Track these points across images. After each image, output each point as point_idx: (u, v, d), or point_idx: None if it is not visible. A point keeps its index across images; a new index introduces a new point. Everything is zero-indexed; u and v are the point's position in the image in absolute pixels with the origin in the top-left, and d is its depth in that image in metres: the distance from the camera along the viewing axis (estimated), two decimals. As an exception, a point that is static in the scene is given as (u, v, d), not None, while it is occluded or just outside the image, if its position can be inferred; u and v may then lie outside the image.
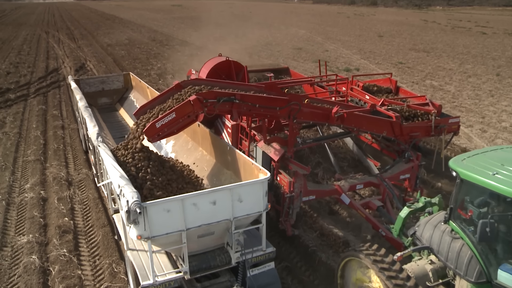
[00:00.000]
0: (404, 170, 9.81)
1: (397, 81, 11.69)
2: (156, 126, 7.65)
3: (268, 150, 9.17)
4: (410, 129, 9.87)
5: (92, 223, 10.25)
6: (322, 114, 9.04)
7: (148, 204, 5.99)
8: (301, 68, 28.07)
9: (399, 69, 28.91)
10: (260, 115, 8.52)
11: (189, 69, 13.29)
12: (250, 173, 7.46)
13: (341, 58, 33.04)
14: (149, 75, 26.45)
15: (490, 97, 20.98)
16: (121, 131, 12.51)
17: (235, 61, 11.13)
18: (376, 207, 9.02)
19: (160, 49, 37.42)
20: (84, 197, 11.42)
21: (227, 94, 8.04)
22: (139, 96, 13.59)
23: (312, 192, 9.04)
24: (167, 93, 8.64)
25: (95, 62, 31.42)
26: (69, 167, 13.35)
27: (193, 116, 7.92)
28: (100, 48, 38.82)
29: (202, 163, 9.10)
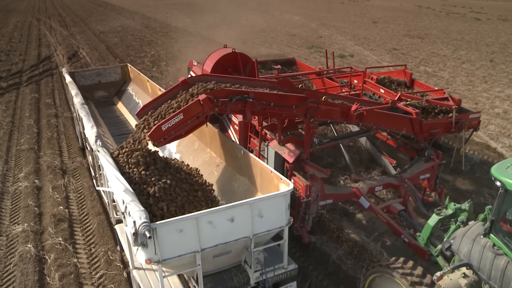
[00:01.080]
0: (424, 169, 9.00)
1: (412, 73, 10.80)
2: (162, 129, 6.75)
3: (282, 150, 8.31)
4: (430, 126, 9.05)
5: (87, 211, 9.97)
6: (341, 112, 8.17)
7: (159, 225, 5.12)
8: (295, 55, 27.01)
9: (393, 55, 28.15)
10: (275, 114, 7.62)
11: (190, 60, 12.30)
12: (269, 182, 6.59)
13: (335, 45, 32.13)
14: (143, 63, 25.54)
15: (483, 83, 20.54)
16: (120, 127, 11.56)
17: (242, 53, 10.18)
18: (397, 212, 8.20)
19: (153, 36, 36.24)
20: (78, 185, 11.11)
21: (239, 92, 7.13)
22: (138, 89, 12.60)
23: (329, 196, 8.21)
24: (173, 90, 7.71)
25: (88, 50, 30.23)
26: (63, 156, 12.91)
27: (203, 117, 7.03)
28: (93, 35, 37.49)
29: (211, 166, 8.21)
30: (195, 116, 6.94)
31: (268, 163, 8.75)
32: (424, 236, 7.22)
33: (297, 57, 26.32)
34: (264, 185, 6.82)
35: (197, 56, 24.10)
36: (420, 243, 7.35)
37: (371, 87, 10.42)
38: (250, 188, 7.20)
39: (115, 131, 11.25)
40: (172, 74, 21.93)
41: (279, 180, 6.31)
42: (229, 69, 10.03)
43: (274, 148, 8.44)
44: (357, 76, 10.98)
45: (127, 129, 11.35)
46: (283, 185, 6.19)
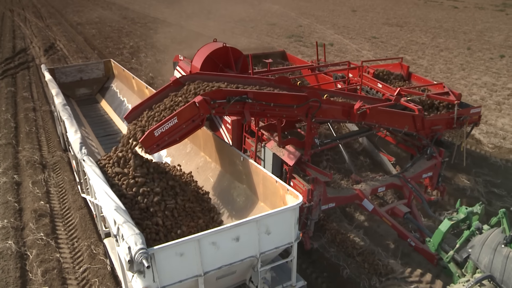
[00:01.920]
0: (427, 168, 8.47)
1: (409, 66, 10.24)
2: (154, 134, 6.06)
3: (281, 152, 7.67)
4: (431, 123, 8.52)
5: (68, 205, 9.61)
6: (343, 111, 7.56)
7: (157, 250, 4.45)
8: (275, 44, 26.58)
9: (372, 43, 27.75)
10: (275, 115, 6.97)
11: (176, 54, 11.51)
12: (273, 192, 5.96)
13: (315, 34, 31.55)
14: (122, 54, 24.52)
15: (461, 71, 20.41)
16: (104, 127, 10.73)
17: (233, 47, 9.45)
18: (403, 214, 7.67)
19: (132, 27, 35.02)
20: (59, 179, 10.63)
21: (238, 92, 6.46)
22: (123, 86, 11.75)
23: (332, 199, 7.61)
24: (164, 91, 6.98)
25: (65, 42, 28.94)
26: (43, 150, 12.26)
27: (199, 121, 6.35)
28: (70, 27, 36.00)
29: (206, 171, 7.53)
30: (190, 120, 6.27)
31: (265, 165, 8.12)
32: (435, 242, 6.72)
33: (277, 46, 25.89)
34: (267, 195, 6.19)
35: (177, 46, 23.52)
36: (430, 249, 6.85)
37: (368, 82, 9.83)
38: (251, 197, 6.57)
39: (100, 131, 10.44)
40: (151, 66, 21.18)
41: (285, 191, 5.68)
42: (220, 65, 9.31)
43: (272, 150, 7.80)
44: (352, 70, 10.38)
45: (112, 129, 10.57)
46: (290, 197, 5.57)
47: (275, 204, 6.04)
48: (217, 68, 9.29)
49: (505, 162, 11.28)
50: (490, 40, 28.71)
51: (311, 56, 22.45)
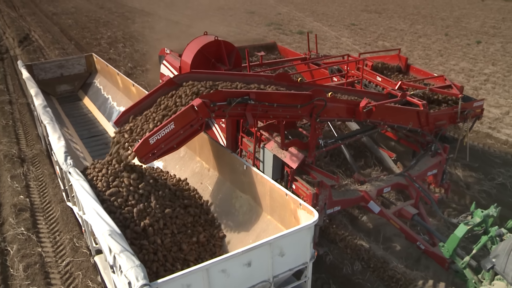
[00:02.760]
0: (432, 165, 7.97)
1: (407, 58, 9.69)
2: (149, 142, 5.39)
3: (282, 154, 7.05)
4: (436, 118, 8.00)
5: (49, 199, 9.23)
6: (347, 109, 6.97)
7: (161, 284, 3.82)
8: (254, 32, 26.10)
9: (351, 30, 27.41)
10: (278, 116, 6.34)
11: (162, 48, 10.71)
12: (282, 206, 5.36)
13: (294, 21, 30.99)
14: (99, 45, 23.57)
15: (439, 57, 20.31)
16: (89, 127, 9.90)
17: (226, 41, 8.72)
18: (411, 216, 7.16)
19: (109, 17, 33.73)
20: (39, 173, 10.20)
21: (239, 93, 5.80)
22: (106, 82, 10.89)
23: (337, 202, 7.04)
24: (157, 92, 6.27)
25: (40, 33, 27.58)
26: (21, 144, 11.64)
27: (198, 125, 5.69)
28: (45, 17, 34.43)
29: (203, 178, 6.86)
30: (188, 125, 5.60)
31: (264, 168, 7.50)
32: (450, 247, 6.25)
33: (255, 35, 25.20)
34: (275, 208, 5.58)
35: (156, 36, 22.64)
36: (444, 254, 6.38)
37: (366, 75, 9.25)
38: (255, 209, 5.94)
39: (84, 132, 9.62)
40: (130, 56, 20.41)
41: (297, 205, 5.08)
42: (212, 60, 8.58)
43: (272, 151, 7.18)
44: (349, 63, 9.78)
45: (97, 130, 9.77)
46: (303, 212, 4.98)
47: (284, 219, 5.46)
48: (209, 63, 8.58)
49: (482, 146, 11.21)
50: (467, 26, 28.70)
51: (290, 44, 21.96)
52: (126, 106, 9.47)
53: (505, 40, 23.91)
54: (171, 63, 9.70)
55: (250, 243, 5.68)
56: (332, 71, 9.86)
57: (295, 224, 5.24)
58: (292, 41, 23.47)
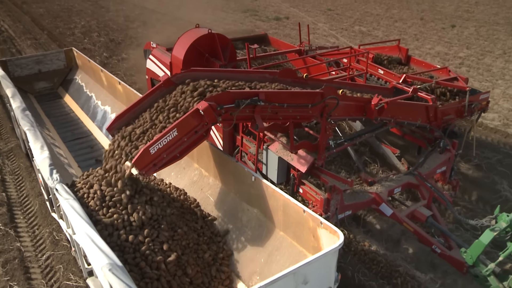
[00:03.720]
0: (441, 163, 7.46)
1: (408, 49, 9.11)
2: (150, 152, 4.66)
3: (289, 156, 6.41)
4: (443, 112, 7.48)
5: (26, 193, 8.68)
6: (358, 107, 6.36)
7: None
8: (230, 19, 25.23)
9: (328, 16, 26.91)
10: (288, 117, 5.68)
11: (148, 42, 9.87)
12: (299, 223, 4.75)
13: (270, 7, 30.29)
14: (73, 34, 22.37)
15: (415, 41, 20.14)
16: (72, 129, 9.00)
17: (219, 33, 7.97)
18: (425, 218, 6.63)
19: (82, 6, 32.17)
20: (15, 167, 9.54)
21: (248, 94, 5.12)
22: (89, 79, 9.97)
23: (348, 207, 6.46)
24: (153, 93, 5.52)
25: (10, 22, 26.08)
26: None
27: (203, 131, 4.99)
28: (14, 6, 32.54)
29: (203, 187, 6.15)
30: (193, 131, 4.90)
31: (267, 170, 6.85)
32: (474, 254, 5.74)
33: (232, 21, 24.41)
34: (289, 224, 4.93)
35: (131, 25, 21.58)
36: (467, 262, 5.87)
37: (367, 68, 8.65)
38: (266, 224, 5.28)
39: (67, 134, 8.74)
40: (105, 45, 19.35)
41: (317, 223, 4.46)
42: (206, 54, 7.83)
43: (277, 153, 6.53)
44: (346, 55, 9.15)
45: (82, 131, 8.88)
46: (325, 232, 4.37)
47: (300, 236, 4.86)
48: (202, 58, 7.83)
49: (457, 130, 10.64)
50: (442, 10, 28.61)
51: (267, 30, 21.28)
52: (112, 105, 8.74)
53: (478, 24, 23.91)
54: (159, 58, 8.90)
55: (262, 262, 5.07)
56: (330, 63, 9.22)
57: (314, 243, 4.66)
58: (269, 27, 22.86)
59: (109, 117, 8.48)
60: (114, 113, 8.42)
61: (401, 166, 8.38)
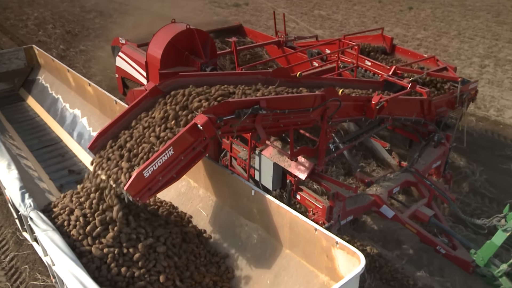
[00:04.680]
0: (437, 157, 7.13)
1: (392, 38, 8.67)
2: (144, 176, 4.02)
3: (285, 162, 5.86)
4: (436, 105, 7.12)
5: None
6: (357, 107, 5.87)
7: None
8: (190, 7, 23.90)
9: (287, 1, 26.22)
10: (289, 123, 5.12)
11: (115, 37, 9.00)
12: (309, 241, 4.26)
13: (230, -7, 29.52)
14: (26, 26, 20.76)
15: (374, 24, 20.09)
16: (38, 135, 8.03)
17: (198, 29, 7.25)
18: (428, 218, 6.28)
19: (33, -5, 30.35)
20: None
21: (248, 103, 4.53)
22: (54, 79, 8.96)
23: (350, 212, 6.02)
24: (139, 104, 4.84)
25: (-47, 14, 24.20)
26: None
27: (202, 147, 4.37)
28: (-45, -4, 30.41)
29: (193, 200, 5.55)
30: (190, 148, 4.28)
31: (261, 177, 6.27)
32: (485, 256, 5.46)
33: (191, 9, 23.42)
34: (297, 242, 4.41)
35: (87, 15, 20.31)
36: (478, 263, 5.58)
37: (353, 59, 8.17)
38: (268, 241, 4.74)
39: (34, 142, 7.78)
40: (61, 37, 18.09)
41: (332, 243, 3.97)
42: (186, 52, 7.11)
43: (272, 159, 5.97)
44: (330, 45, 8.64)
45: (49, 138, 7.93)
46: (341, 252, 3.89)
47: (311, 255, 4.38)
48: (182, 57, 7.12)
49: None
50: (399, -8, 28.83)
51: (227, 17, 20.64)
52: (82, 108, 7.85)
53: (434, 5, 23.99)
54: (130, 55, 8.11)
55: (268, 284, 4.57)
56: (312, 54, 8.67)
57: (328, 264, 4.18)
58: (229, 14, 22.17)
59: (79, 121, 7.63)
60: (85, 117, 7.59)
61: (392, 160, 8.01)
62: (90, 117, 7.45)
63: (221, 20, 10.42)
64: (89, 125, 7.36)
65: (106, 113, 7.11)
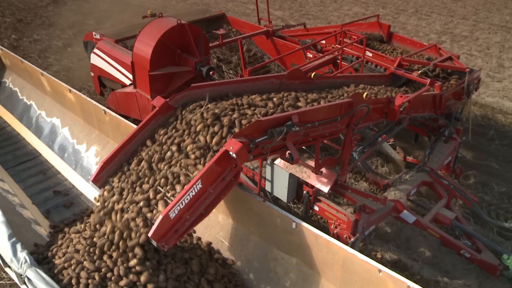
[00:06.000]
0: (449, 153, 6.69)
1: (390, 25, 8.07)
2: (170, 217, 3.32)
3: (304, 173, 5.24)
4: (446, 98, 6.65)
5: None
6: (377, 110, 5.28)
7: None
8: None
9: None
10: (317, 136, 4.48)
11: (88, 32, 7.97)
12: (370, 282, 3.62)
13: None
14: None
15: (333, 3, 19.66)
16: (12, 149, 6.87)
17: (190, 24, 6.39)
18: (450, 221, 5.84)
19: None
20: None
21: (281, 120, 3.84)
22: (24, 83, 7.77)
23: (373, 222, 5.50)
24: (148, 125, 4.05)
25: None
26: None
27: (232, 176, 3.68)
28: None
29: (213, 226, 4.79)
30: (220, 178, 3.58)
31: (273, 188, 5.61)
32: (520, 261, 5.08)
33: None
34: (352, 283, 3.74)
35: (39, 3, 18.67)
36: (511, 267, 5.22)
37: (351, 50, 7.56)
38: (312, 277, 4.05)
39: (7, 158, 6.66)
40: (12, 26, 16.50)
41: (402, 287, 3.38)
42: (178, 50, 6.26)
43: (287, 170, 5.32)
44: (325, 35, 7.96)
45: (25, 151, 6.82)
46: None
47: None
48: (173, 56, 6.27)
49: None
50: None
51: (197, 4, 19.51)
52: (62, 117, 6.72)
53: (392, -17, 24.00)
54: (108, 52, 7.17)
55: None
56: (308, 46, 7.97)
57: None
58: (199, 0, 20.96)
59: (59, 132, 6.63)
60: (66, 127, 6.60)
61: (396, 155, 7.57)
62: (73, 127, 6.46)
63: (201, 9, 9.52)
64: (72, 136, 6.35)
65: (92, 123, 6.18)
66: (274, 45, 8.42)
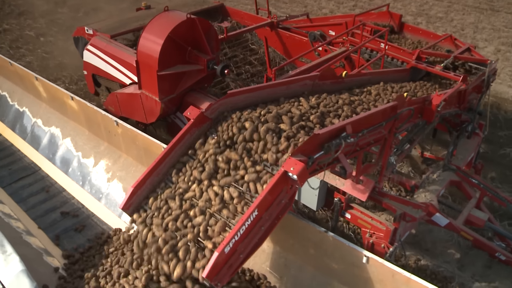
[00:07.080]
0: (473, 149, 6.36)
1: (401, 15, 7.62)
2: (224, 252, 2.82)
3: (338, 181, 4.80)
4: (469, 92, 6.30)
5: None
6: (416, 110, 4.86)
7: None
8: None
9: None
10: (364, 145, 4.02)
11: (79, 27, 7.25)
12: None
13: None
14: None
15: None
16: (7, 164, 6.00)
17: (201, 18, 5.80)
18: (483, 223, 5.51)
19: None
20: None
21: (336, 132, 3.37)
22: (15, 87, 6.88)
23: (408, 227, 5.13)
24: (182, 140, 3.51)
25: None
26: None
27: (287, 198, 3.20)
28: None
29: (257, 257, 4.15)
30: (277, 202, 3.10)
31: (303, 196, 5.18)
32: None
33: None
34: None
35: None
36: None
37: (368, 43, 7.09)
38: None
39: (3, 173, 5.80)
40: None
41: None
42: (189, 48, 5.67)
43: (319, 176, 4.86)
44: (335, 26, 7.49)
45: (23, 166, 5.97)
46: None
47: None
48: (183, 53, 5.66)
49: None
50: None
51: None
52: (62, 126, 5.93)
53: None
54: (104, 49, 6.52)
55: None
56: (315, 38, 7.48)
57: None
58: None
59: (60, 143, 5.91)
60: (68, 137, 5.89)
61: (413, 151, 7.20)
62: (76, 138, 5.72)
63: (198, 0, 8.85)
64: (76, 148, 5.62)
65: (99, 135, 5.47)
66: (279, 37, 7.89)
